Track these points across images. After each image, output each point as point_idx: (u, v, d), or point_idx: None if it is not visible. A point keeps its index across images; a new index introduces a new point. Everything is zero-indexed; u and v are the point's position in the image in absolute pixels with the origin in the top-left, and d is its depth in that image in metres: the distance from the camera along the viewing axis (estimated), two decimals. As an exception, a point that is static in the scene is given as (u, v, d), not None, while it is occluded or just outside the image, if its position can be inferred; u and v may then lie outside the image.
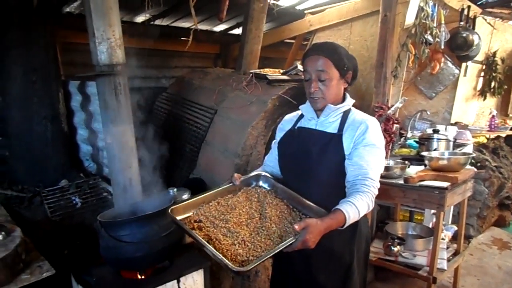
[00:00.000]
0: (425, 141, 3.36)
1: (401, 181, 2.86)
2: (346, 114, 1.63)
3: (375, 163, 1.53)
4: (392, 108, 3.16)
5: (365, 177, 1.48)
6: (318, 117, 1.67)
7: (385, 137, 3.24)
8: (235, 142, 2.42)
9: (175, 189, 2.28)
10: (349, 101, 1.67)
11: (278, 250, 1.32)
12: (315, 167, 1.60)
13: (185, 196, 2.27)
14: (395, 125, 3.31)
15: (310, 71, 1.58)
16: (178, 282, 1.83)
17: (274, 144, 1.86)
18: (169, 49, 4.12)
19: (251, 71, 2.85)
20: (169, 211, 1.46)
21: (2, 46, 2.51)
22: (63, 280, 1.84)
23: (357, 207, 1.40)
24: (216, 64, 4.77)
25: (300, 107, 1.77)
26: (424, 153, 3.04)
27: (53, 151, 2.72)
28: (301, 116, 1.77)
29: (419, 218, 4.10)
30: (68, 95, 2.91)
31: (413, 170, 3.00)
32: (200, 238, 1.34)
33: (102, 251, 1.80)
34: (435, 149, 3.25)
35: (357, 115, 1.64)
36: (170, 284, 1.81)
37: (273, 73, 2.80)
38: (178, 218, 1.46)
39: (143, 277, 1.84)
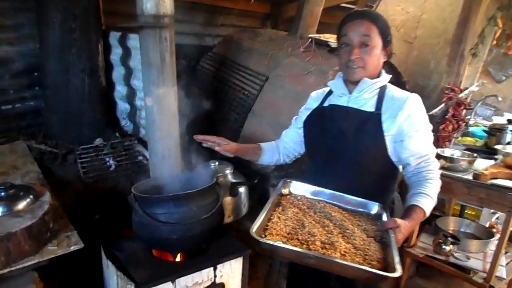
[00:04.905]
0: (496, 132, 2.96)
1: (467, 176, 2.53)
2: (382, 90, 1.50)
3: (430, 143, 1.47)
4: (466, 92, 2.77)
5: (428, 162, 1.44)
6: (350, 93, 1.53)
7: (451, 123, 2.88)
8: (287, 115, 2.13)
9: (217, 163, 2.06)
10: (385, 77, 1.52)
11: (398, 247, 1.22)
12: (349, 148, 1.48)
13: (228, 171, 2.04)
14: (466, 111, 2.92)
15: (352, 36, 1.43)
16: (215, 269, 1.65)
17: (295, 120, 1.78)
18: (217, 4, 3.79)
19: (310, 35, 2.51)
20: (254, 234, 1.21)
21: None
22: (92, 251, 1.68)
23: (430, 196, 1.37)
24: (264, 24, 4.39)
25: (329, 83, 1.63)
26: (498, 147, 2.66)
27: (89, 107, 2.55)
28: (329, 93, 1.64)
29: (470, 213, 3.76)
30: (107, 48, 2.70)
31: (481, 165, 2.65)
32: (316, 253, 1.15)
33: (135, 226, 1.63)
34: (508, 143, 2.86)
35: (395, 91, 1.50)
36: (206, 271, 1.62)
37: (335, 40, 2.45)
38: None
39: (177, 259, 1.66)
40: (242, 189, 2.03)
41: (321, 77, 2.16)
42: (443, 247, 2.80)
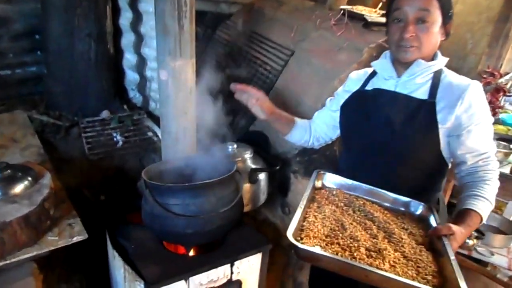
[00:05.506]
0: (533, 122, 2.75)
1: (503, 169, 2.35)
2: (437, 75, 1.30)
3: (491, 138, 1.30)
4: (507, 77, 2.52)
5: (487, 161, 1.27)
6: (399, 76, 1.33)
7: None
8: (314, 95, 1.93)
9: (235, 145, 1.87)
10: (442, 60, 1.32)
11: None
12: (395, 139, 1.31)
13: (247, 155, 1.85)
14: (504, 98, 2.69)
15: (407, 11, 1.22)
16: (232, 266, 1.49)
17: (330, 102, 1.62)
18: (234, -32, 3.47)
19: (342, 7, 2.25)
20: (292, 238, 1.04)
21: None
22: (96, 236, 1.52)
23: (488, 199, 1.22)
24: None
25: (373, 63, 1.44)
26: (538, 139, 2.46)
27: (95, 75, 2.34)
28: (372, 74, 1.45)
29: (491, 204, 3.58)
30: (116, 11, 2.45)
31: (517, 157, 2.45)
32: (370, 267, 0.98)
33: (144, 216, 1.46)
34: (546, 134, 2.66)
35: (452, 77, 1.30)
36: (222, 268, 1.46)
37: (370, 13, 2.18)
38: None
39: (190, 254, 1.50)
40: (262, 176, 1.85)
41: (355, 55, 1.92)
42: (466, 241, 2.64)
